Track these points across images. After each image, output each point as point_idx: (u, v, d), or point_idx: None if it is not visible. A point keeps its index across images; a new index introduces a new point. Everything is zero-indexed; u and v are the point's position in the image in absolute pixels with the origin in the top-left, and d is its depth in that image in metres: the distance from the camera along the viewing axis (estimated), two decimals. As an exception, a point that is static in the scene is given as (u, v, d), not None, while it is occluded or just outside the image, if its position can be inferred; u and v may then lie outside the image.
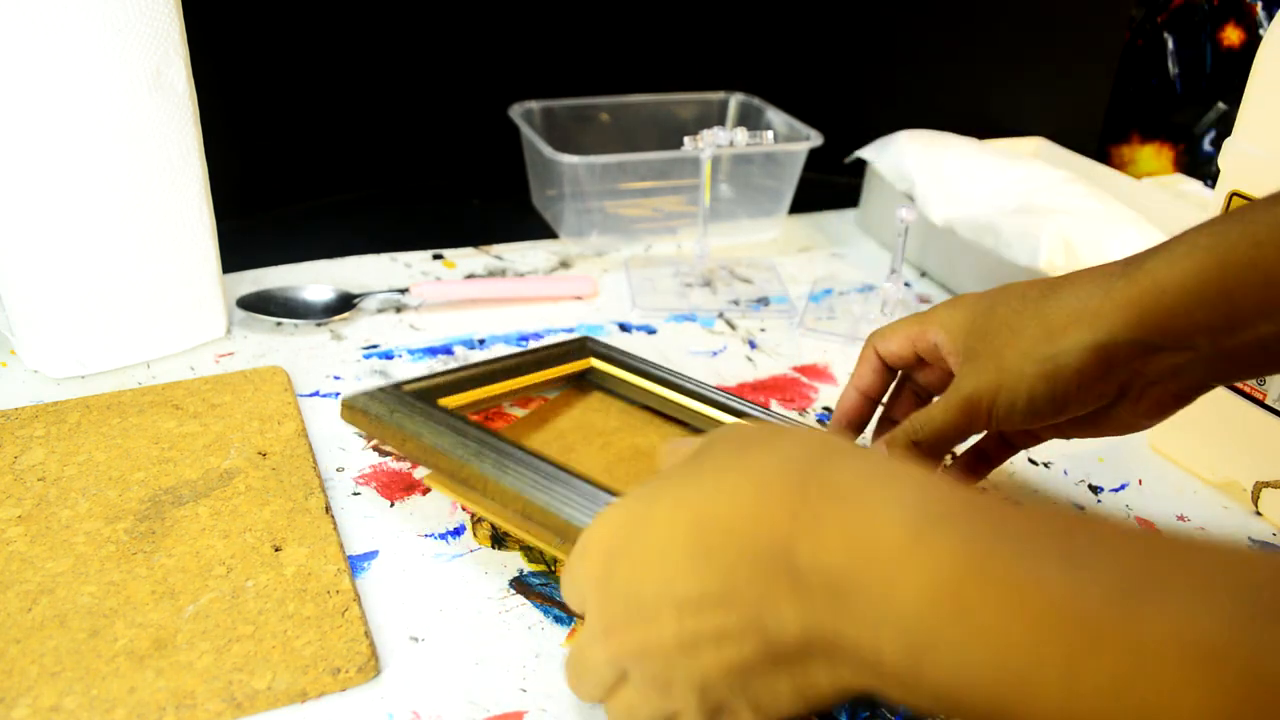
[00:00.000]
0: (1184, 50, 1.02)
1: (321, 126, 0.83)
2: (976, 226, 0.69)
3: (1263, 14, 0.99)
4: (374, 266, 0.72)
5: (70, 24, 0.48)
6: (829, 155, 0.82)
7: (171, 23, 0.52)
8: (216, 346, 0.60)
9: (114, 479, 0.46)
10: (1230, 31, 1.01)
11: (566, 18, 0.86)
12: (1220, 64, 1.02)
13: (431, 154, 0.89)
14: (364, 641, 0.38)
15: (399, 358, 0.60)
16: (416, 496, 0.48)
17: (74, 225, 0.52)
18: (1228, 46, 1.02)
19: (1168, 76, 1.04)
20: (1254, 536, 0.49)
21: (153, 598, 0.39)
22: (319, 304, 0.64)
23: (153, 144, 0.53)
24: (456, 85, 0.86)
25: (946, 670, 0.24)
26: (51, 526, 0.43)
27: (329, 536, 0.43)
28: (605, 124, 0.87)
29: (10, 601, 0.39)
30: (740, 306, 0.70)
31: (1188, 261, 0.36)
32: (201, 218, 0.57)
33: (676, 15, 0.89)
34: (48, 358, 0.54)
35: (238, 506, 0.45)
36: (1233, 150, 0.48)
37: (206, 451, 0.48)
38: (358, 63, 0.82)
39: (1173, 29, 1.02)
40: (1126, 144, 1.07)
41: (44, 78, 0.48)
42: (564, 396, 0.55)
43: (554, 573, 0.44)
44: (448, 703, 0.37)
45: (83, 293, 0.54)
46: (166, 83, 0.52)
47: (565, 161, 0.72)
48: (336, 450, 0.51)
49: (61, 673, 0.36)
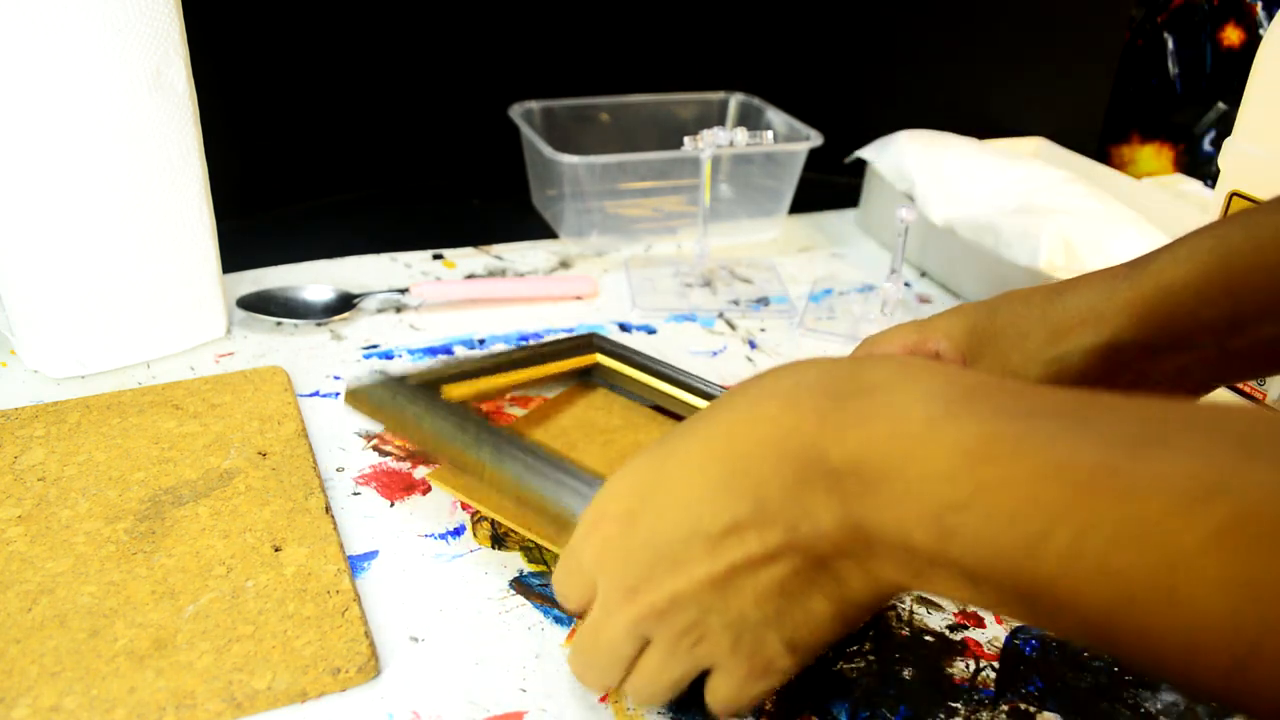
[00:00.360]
0: (1184, 50, 1.02)
1: (321, 126, 0.83)
2: (976, 226, 0.69)
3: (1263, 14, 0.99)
4: (374, 266, 0.72)
5: (70, 24, 0.48)
6: (829, 155, 0.82)
7: (171, 23, 0.52)
8: (216, 346, 0.60)
9: (114, 479, 0.46)
10: (1230, 31, 1.01)
11: (566, 18, 0.86)
12: (1220, 64, 1.02)
13: (431, 154, 0.89)
14: (364, 641, 0.38)
15: (399, 358, 0.60)
16: (416, 496, 0.48)
17: (74, 225, 0.52)
18: (1228, 46, 1.02)
19: (1168, 76, 1.04)
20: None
21: (153, 598, 0.39)
22: (319, 304, 0.64)
23: (153, 144, 0.53)
24: (456, 85, 0.86)
25: (970, 543, 0.24)
26: (51, 526, 0.43)
27: (329, 536, 0.43)
28: (605, 124, 0.87)
29: (10, 601, 0.39)
30: (740, 306, 0.70)
31: (1191, 263, 0.36)
32: (201, 218, 0.57)
33: (676, 15, 0.89)
34: (48, 358, 0.54)
35: (238, 506, 0.45)
36: (1233, 150, 0.48)
37: (206, 451, 0.48)
38: (358, 63, 0.82)
39: (1173, 29, 1.02)
40: (1126, 144, 1.07)
41: (44, 78, 0.48)
42: (567, 394, 0.55)
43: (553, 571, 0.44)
44: (448, 703, 0.37)
45: (83, 293, 0.54)
46: (166, 83, 0.52)
47: (565, 161, 0.72)
48: (336, 450, 0.51)
49: (61, 673, 0.36)
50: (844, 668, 0.39)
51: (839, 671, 0.39)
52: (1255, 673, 0.20)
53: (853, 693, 0.38)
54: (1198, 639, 0.21)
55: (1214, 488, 0.21)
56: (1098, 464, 0.22)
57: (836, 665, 0.39)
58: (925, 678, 0.39)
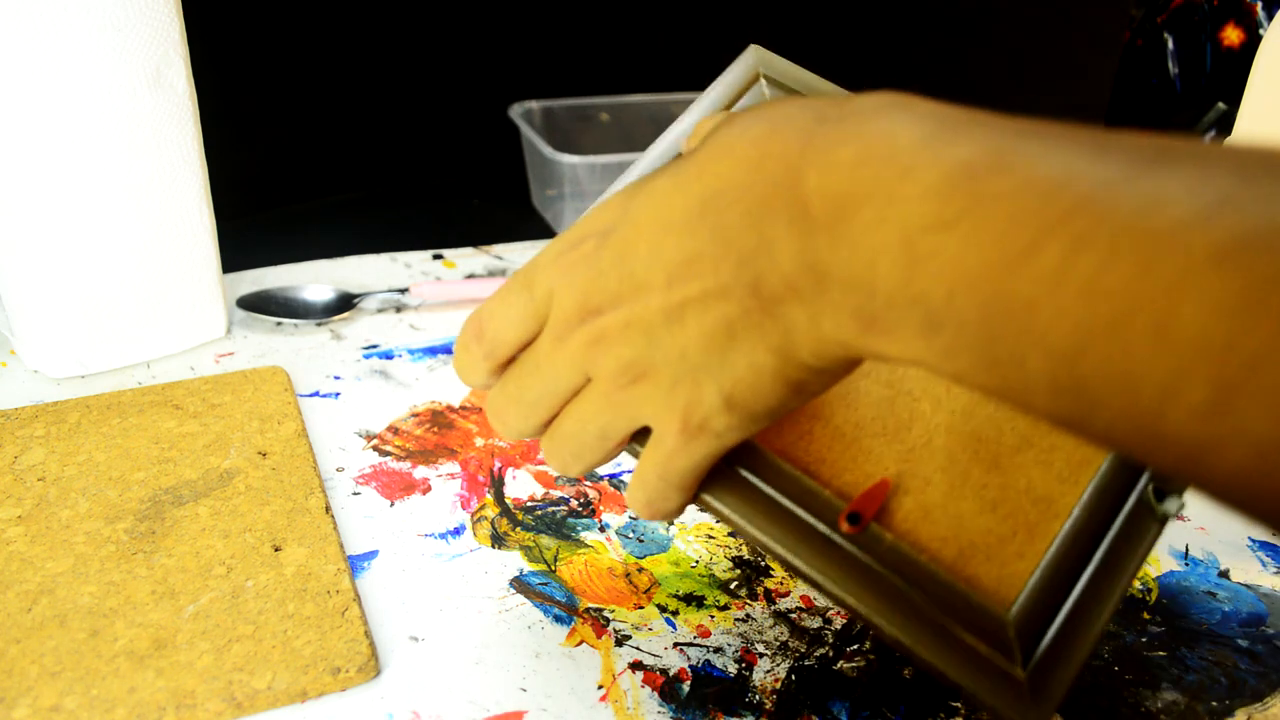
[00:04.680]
0: (1184, 50, 1.02)
1: (321, 126, 0.83)
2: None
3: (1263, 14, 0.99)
4: (374, 266, 0.72)
5: (70, 23, 0.48)
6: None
7: (171, 22, 0.52)
8: (216, 346, 0.60)
9: (114, 479, 0.46)
10: (1230, 31, 1.01)
11: (566, 18, 0.86)
12: (1220, 64, 1.02)
13: (431, 154, 0.89)
14: (364, 641, 0.38)
15: (399, 358, 0.60)
16: (417, 496, 0.48)
17: (74, 225, 0.52)
18: (1228, 46, 1.02)
19: (1168, 76, 1.04)
20: (1253, 537, 0.49)
21: (153, 598, 0.39)
22: (319, 304, 0.64)
23: (153, 144, 0.53)
24: (456, 85, 0.86)
25: (943, 267, 0.23)
26: (51, 526, 0.43)
27: (329, 536, 0.43)
28: (605, 124, 0.87)
29: (10, 601, 0.39)
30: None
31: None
32: (201, 218, 0.57)
33: (676, 15, 0.89)
34: (48, 358, 0.55)
35: (238, 506, 0.45)
36: (1233, 150, 0.48)
37: (206, 451, 0.48)
38: (357, 62, 0.82)
39: (1173, 29, 1.02)
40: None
41: (44, 77, 0.48)
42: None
43: (555, 573, 0.44)
44: (448, 703, 0.37)
45: (83, 293, 0.54)
46: (166, 83, 0.52)
47: (565, 161, 0.72)
48: (336, 450, 0.51)
49: (61, 673, 0.36)
50: (844, 667, 0.39)
51: (839, 671, 0.39)
52: (1239, 405, 0.19)
53: (853, 692, 0.38)
54: (1182, 367, 0.19)
55: (1220, 202, 0.19)
56: (1100, 178, 0.21)
57: (837, 665, 0.39)
58: (925, 678, 0.39)
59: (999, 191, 0.22)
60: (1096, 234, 0.21)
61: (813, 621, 0.42)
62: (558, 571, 0.44)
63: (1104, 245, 0.20)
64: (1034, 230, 0.21)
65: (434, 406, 0.55)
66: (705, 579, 0.44)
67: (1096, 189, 0.21)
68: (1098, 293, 0.20)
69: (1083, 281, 0.21)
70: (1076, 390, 0.22)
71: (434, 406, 0.55)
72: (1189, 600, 0.44)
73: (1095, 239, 0.21)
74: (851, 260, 0.25)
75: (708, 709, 0.37)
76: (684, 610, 0.42)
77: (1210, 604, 0.44)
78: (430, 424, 0.53)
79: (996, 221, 0.22)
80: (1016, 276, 0.22)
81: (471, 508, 0.47)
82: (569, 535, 0.46)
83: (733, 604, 0.42)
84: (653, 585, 0.43)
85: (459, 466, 0.50)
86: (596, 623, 0.41)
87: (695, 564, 0.44)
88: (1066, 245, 0.21)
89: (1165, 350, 0.20)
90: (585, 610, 0.42)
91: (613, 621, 0.41)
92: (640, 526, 0.47)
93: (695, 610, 0.42)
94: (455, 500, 0.48)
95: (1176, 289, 0.19)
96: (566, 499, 0.48)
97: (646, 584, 0.43)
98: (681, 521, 0.47)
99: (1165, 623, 0.43)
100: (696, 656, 0.40)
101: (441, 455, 0.51)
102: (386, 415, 0.54)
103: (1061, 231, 0.21)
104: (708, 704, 0.37)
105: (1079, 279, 0.21)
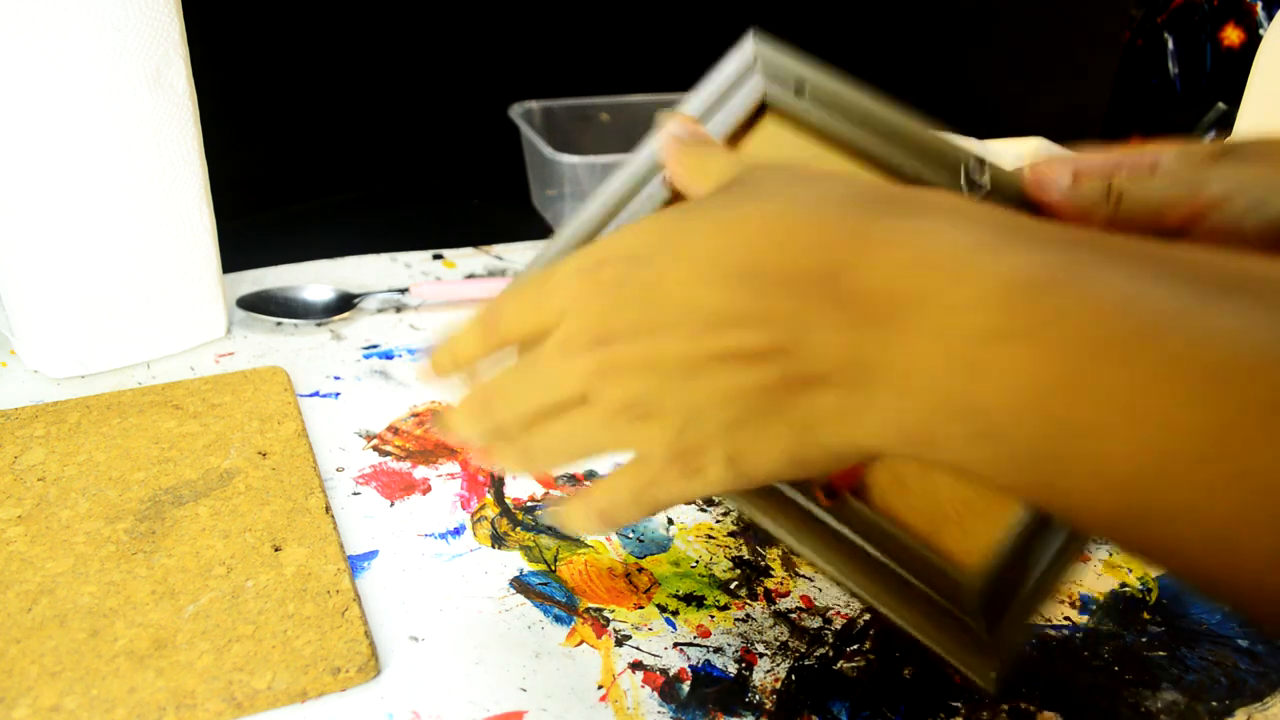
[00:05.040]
0: (1184, 50, 1.02)
1: (321, 126, 0.83)
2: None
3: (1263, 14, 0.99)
4: (374, 266, 0.72)
5: (70, 23, 0.48)
6: (829, 155, 0.82)
7: (171, 22, 0.52)
8: (216, 346, 0.60)
9: (114, 479, 0.46)
10: (1230, 31, 1.01)
11: (566, 18, 0.86)
12: (1220, 64, 1.02)
13: (431, 154, 0.89)
14: (364, 641, 0.38)
15: (399, 357, 0.60)
16: (416, 496, 0.48)
17: (74, 225, 0.52)
18: (1228, 46, 1.02)
19: (1168, 76, 1.04)
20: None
21: (153, 598, 0.39)
22: (319, 304, 0.64)
23: (153, 144, 0.53)
24: (456, 85, 0.86)
25: (1000, 388, 0.22)
26: (51, 526, 0.43)
27: (329, 536, 0.43)
28: (605, 124, 0.87)
29: (10, 601, 0.39)
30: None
31: None
32: (201, 218, 0.57)
33: (677, 15, 0.89)
34: (48, 358, 0.55)
35: (238, 506, 0.45)
36: (1233, 150, 0.48)
37: (206, 451, 0.48)
38: (357, 62, 0.82)
39: (1173, 29, 1.02)
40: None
41: (44, 77, 0.48)
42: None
43: (555, 573, 0.44)
44: (448, 703, 0.37)
45: (83, 293, 0.54)
46: (166, 83, 0.52)
47: (565, 161, 0.72)
48: (336, 450, 0.51)
49: (61, 673, 0.36)
50: (844, 667, 0.39)
51: (839, 671, 0.39)
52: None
53: (853, 692, 0.38)
54: (1248, 504, 0.19)
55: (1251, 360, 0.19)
56: (1165, 304, 0.21)
57: (837, 665, 0.39)
58: (925, 678, 0.39)
59: (1062, 307, 0.22)
60: (1159, 361, 0.20)
61: (813, 621, 0.42)
62: (558, 571, 0.44)
63: (1166, 375, 0.20)
64: (1097, 352, 0.21)
65: (434, 406, 0.55)
66: (705, 579, 0.44)
67: (1166, 314, 0.21)
68: (1162, 424, 0.20)
69: (1144, 411, 0.20)
70: (1133, 512, 0.22)
71: (434, 406, 0.55)
72: (1189, 600, 0.44)
73: (1158, 367, 0.20)
74: (904, 362, 0.24)
75: (708, 709, 0.37)
76: (684, 610, 0.42)
77: (1210, 604, 0.44)
78: (430, 424, 0.53)
79: (1060, 339, 0.22)
80: (1081, 399, 0.21)
81: (471, 508, 0.47)
82: (569, 535, 0.46)
83: (733, 604, 0.42)
84: (653, 585, 0.43)
85: (459, 466, 0.50)
86: (596, 623, 0.41)
87: (695, 564, 0.44)
88: (1132, 371, 0.21)
89: (1233, 489, 0.20)
90: (585, 610, 0.42)
91: (613, 621, 0.41)
92: (640, 526, 0.47)
93: (695, 610, 0.42)
94: (455, 500, 0.48)
95: (1238, 428, 0.19)
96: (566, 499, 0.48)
97: (646, 584, 0.43)
98: (682, 522, 0.47)
99: (1165, 623, 0.43)
100: (696, 656, 0.40)
101: (441, 455, 0.51)
102: (386, 415, 0.54)
103: (1125, 356, 0.21)
104: (708, 704, 0.37)
105: (1141, 408, 0.20)
